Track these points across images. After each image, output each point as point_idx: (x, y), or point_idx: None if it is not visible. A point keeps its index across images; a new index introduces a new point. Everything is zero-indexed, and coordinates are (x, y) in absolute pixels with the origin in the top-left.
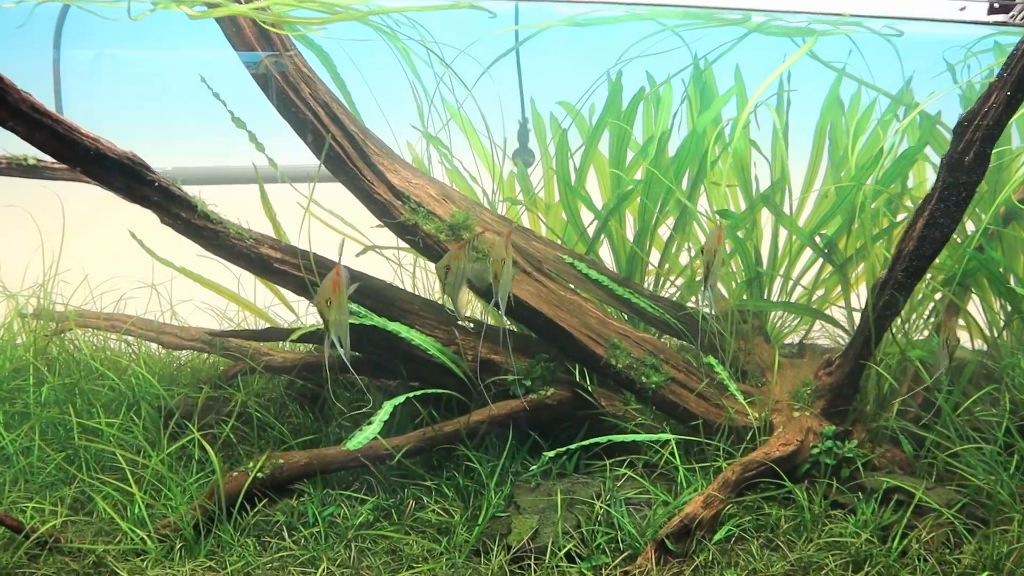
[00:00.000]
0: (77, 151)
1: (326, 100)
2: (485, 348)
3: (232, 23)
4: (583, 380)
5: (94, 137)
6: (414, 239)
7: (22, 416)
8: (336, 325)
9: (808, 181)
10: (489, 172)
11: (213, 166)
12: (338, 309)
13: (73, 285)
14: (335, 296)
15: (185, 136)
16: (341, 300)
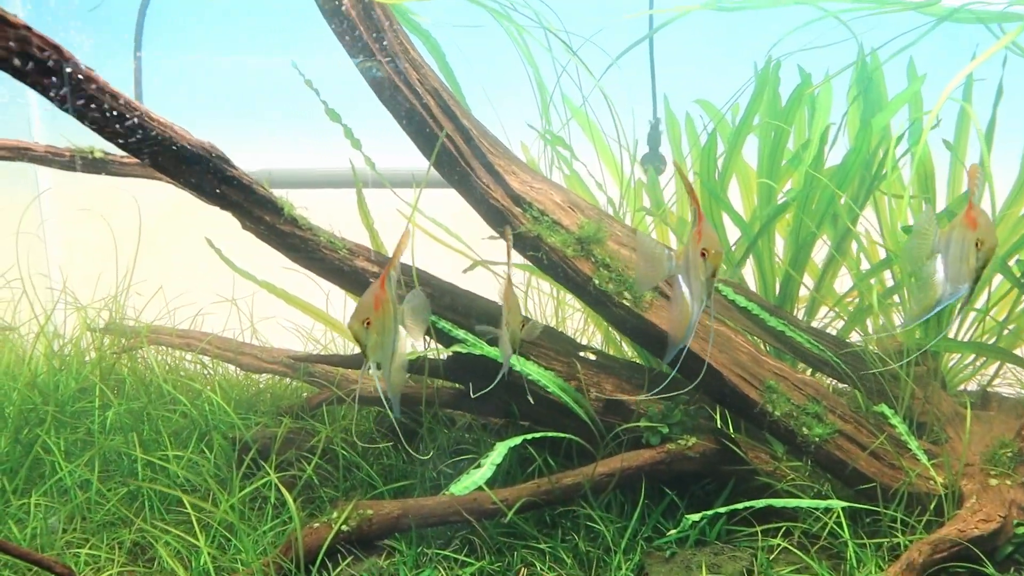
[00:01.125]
0: (144, 139)
1: (436, 88)
2: (611, 385)
3: None
4: (724, 427)
5: (166, 123)
6: (536, 254)
7: (84, 444)
8: (378, 351)
9: (1015, 195)
10: (615, 180)
11: (304, 168)
12: (382, 330)
13: (147, 297)
14: (378, 315)
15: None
16: (386, 320)
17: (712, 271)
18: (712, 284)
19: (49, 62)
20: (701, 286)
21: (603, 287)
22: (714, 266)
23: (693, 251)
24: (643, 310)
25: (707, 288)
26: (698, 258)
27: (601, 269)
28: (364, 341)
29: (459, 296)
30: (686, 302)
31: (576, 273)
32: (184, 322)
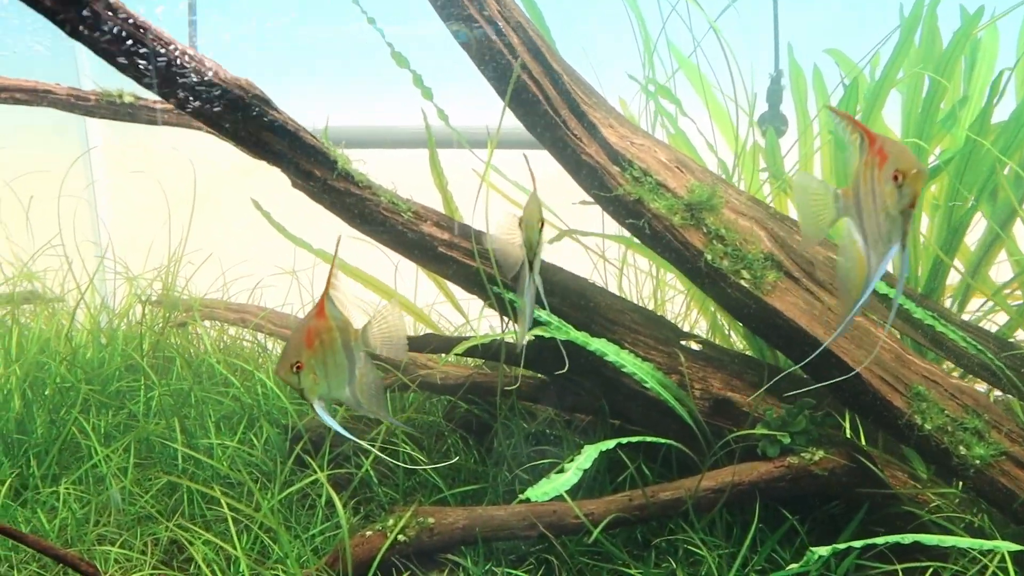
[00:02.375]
0: (170, 75)
1: (520, 22)
2: (719, 381)
3: None
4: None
5: (195, 56)
6: (636, 222)
7: (126, 428)
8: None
9: None
10: (728, 142)
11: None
12: (323, 365)
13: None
14: (313, 352)
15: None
16: (326, 353)
17: (911, 200)
18: (910, 219)
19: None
20: (891, 225)
21: (716, 263)
22: (914, 192)
23: (875, 177)
24: (764, 293)
25: (903, 227)
26: (886, 185)
27: (714, 242)
28: (297, 386)
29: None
30: (858, 254)
31: (684, 246)
32: (239, 295)
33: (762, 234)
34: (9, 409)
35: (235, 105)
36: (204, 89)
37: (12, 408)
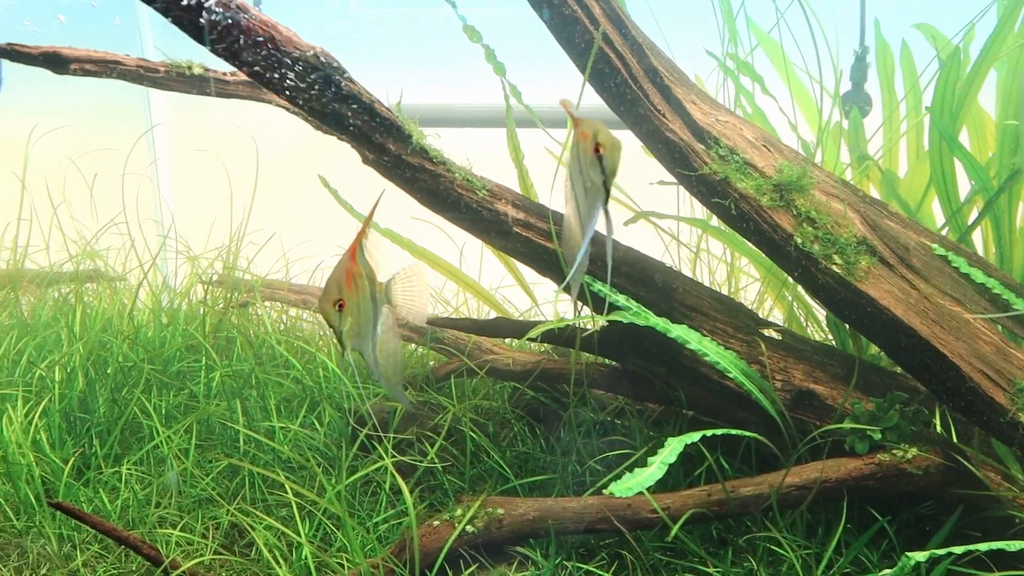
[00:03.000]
0: (241, 41)
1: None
2: (800, 372)
3: None
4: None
5: (267, 21)
6: (722, 202)
7: (187, 408)
8: (355, 337)
9: None
10: (810, 121)
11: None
12: (357, 312)
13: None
14: (351, 294)
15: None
16: (361, 300)
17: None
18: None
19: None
20: (595, 193)
21: (807, 248)
22: (612, 164)
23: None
24: (857, 279)
25: (604, 196)
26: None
27: (804, 225)
28: (338, 326)
29: (617, 251)
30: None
31: (772, 228)
32: (301, 276)
33: (855, 217)
34: (72, 388)
35: (309, 75)
36: (278, 58)
37: (76, 386)
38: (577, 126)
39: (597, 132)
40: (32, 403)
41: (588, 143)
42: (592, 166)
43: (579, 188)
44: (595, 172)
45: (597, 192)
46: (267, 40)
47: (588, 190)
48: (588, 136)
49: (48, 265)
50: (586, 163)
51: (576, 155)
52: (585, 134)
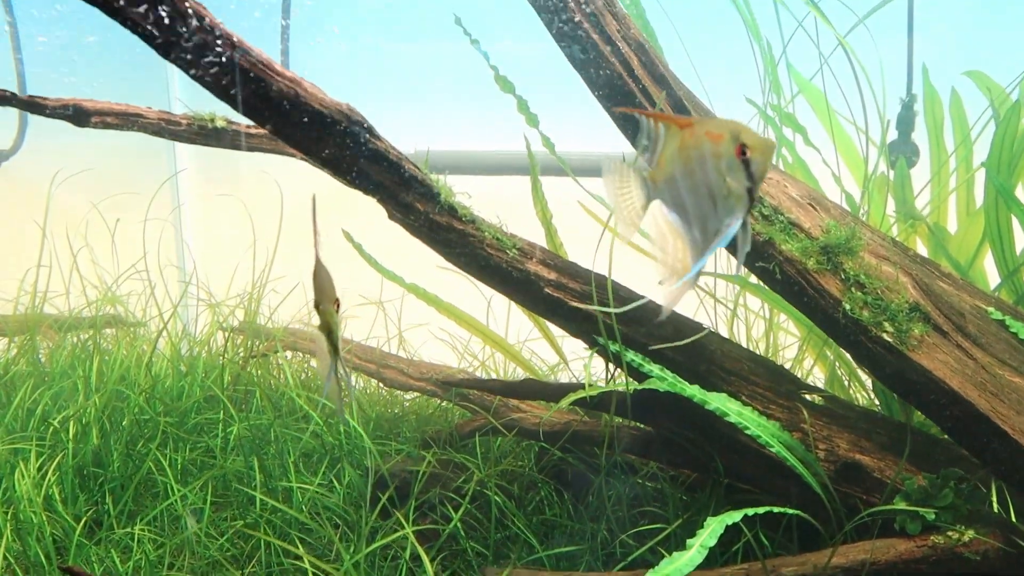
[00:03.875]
0: (266, 96)
1: (641, 43)
2: (845, 442)
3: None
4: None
5: (292, 77)
6: (765, 265)
7: (204, 464)
8: None
9: None
10: (854, 173)
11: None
12: None
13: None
14: None
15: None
16: None
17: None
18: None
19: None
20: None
21: (856, 314)
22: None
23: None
24: (910, 349)
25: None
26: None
27: (853, 289)
28: (337, 325)
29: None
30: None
31: (819, 293)
32: None
33: (906, 281)
34: (87, 442)
35: (335, 132)
36: (300, 115)
37: (90, 441)
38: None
39: (740, 132)
40: (45, 457)
41: (725, 145)
42: (733, 170)
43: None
44: (737, 177)
45: (737, 201)
46: (291, 97)
47: (721, 198)
48: (723, 138)
49: (68, 310)
50: (718, 167)
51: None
52: (717, 136)
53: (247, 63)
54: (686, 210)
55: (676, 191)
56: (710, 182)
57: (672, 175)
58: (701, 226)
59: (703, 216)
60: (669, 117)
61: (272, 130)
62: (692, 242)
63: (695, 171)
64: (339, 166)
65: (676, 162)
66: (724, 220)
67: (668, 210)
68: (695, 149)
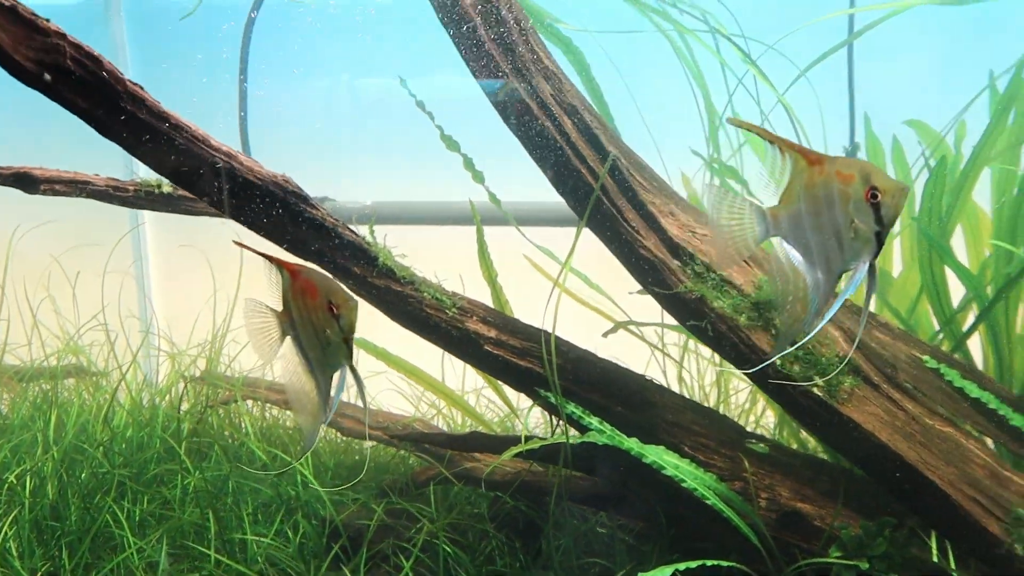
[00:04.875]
0: (202, 171)
1: (575, 105)
2: (788, 490)
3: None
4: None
5: (229, 152)
6: (698, 323)
7: (162, 517)
8: None
9: None
10: None
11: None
12: None
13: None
14: None
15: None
16: None
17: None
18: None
19: (86, 77)
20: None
21: (786, 369)
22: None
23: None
24: (840, 402)
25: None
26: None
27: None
28: (352, 329)
29: (594, 367)
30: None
31: (751, 349)
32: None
33: (837, 335)
34: (44, 495)
35: (270, 203)
36: (237, 187)
37: (48, 494)
38: (818, 163)
39: (871, 175)
40: (2, 512)
41: (856, 186)
42: (862, 213)
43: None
44: (866, 220)
45: (864, 244)
46: (226, 170)
47: (847, 239)
48: (854, 179)
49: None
50: (847, 208)
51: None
52: (847, 176)
53: (183, 140)
54: (809, 249)
55: (800, 229)
56: (837, 222)
57: (797, 212)
58: (825, 266)
59: (827, 256)
60: (798, 148)
61: (209, 202)
62: (814, 281)
63: (822, 210)
64: (275, 234)
65: (803, 199)
66: (850, 262)
67: (789, 247)
68: (823, 188)
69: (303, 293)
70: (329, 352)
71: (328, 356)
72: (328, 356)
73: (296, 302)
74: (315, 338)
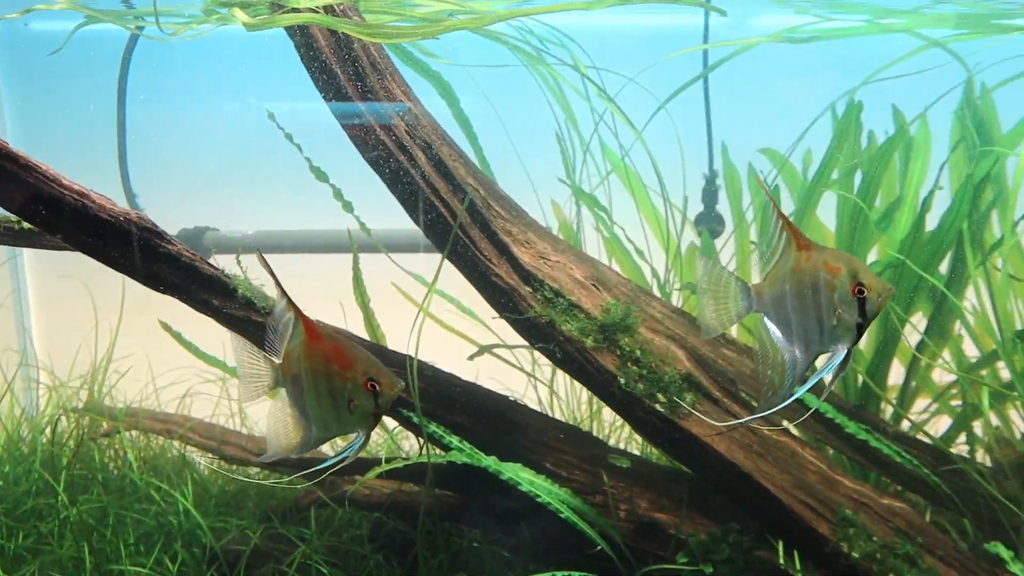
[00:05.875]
0: (56, 210)
1: (429, 141)
2: (647, 501)
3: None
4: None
5: (81, 191)
6: (547, 346)
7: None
8: None
9: None
10: (661, 244)
11: (297, 230)
12: None
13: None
14: None
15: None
16: None
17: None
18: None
19: None
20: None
21: (631, 387)
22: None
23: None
24: (680, 417)
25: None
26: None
27: (629, 364)
28: None
29: (460, 389)
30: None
31: (597, 370)
32: (171, 403)
33: (680, 353)
34: None
35: (124, 239)
36: (90, 224)
37: None
38: (808, 248)
39: (859, 272)
40: None
41: (842, 279)
42: (846, 304)
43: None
44: (850, 312)
45: (845, 332)
46: (79, 208)
47: (828, 326)
48: (841, 272)
49: None
50: (831, 297)
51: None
52: (835, 268)
53: (35, 179)
54: (790, 328)
55: (783, 308)
56: (820, 308)
57: (782, 293)
58: (804, 346)
59: (807, 337)
60: (795, 230)
61: (63, 239)
62: (791, 358)
63: (807, 294)
64: (131, 270)
65: (788, 281)
66: (829, 346)
67: (771, 324)
68: (810, 274)
69: (327, 359)
70: (343, 419)
71: (341, 421)
72: (341, 421)
73: (312, 364)
74: (329, 402)
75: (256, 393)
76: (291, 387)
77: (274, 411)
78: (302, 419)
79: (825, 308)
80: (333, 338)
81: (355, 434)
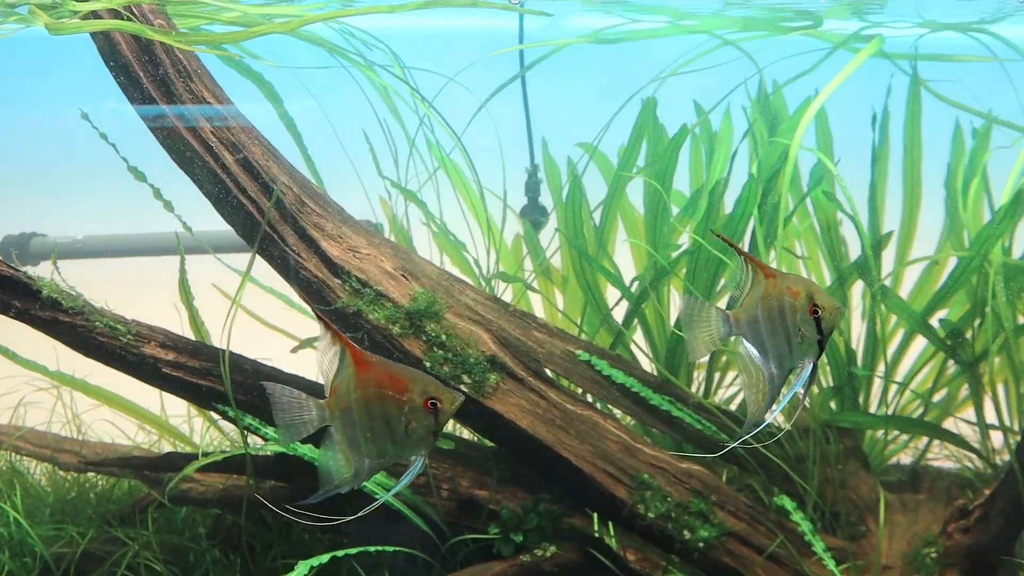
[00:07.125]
0: None
1: (236, 142)
2: (468, 480)
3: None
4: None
5: None
6: (355, 335)
7: None
8: None
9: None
10: (485, 235)
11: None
12: None
13: None
14: None
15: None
16: None
17: (828, 332)
18: (822, 351)
19: None
20: (800, 347)
21: (436, 370)
22: (829, 327)
23: (783, 307)
24: (485, 396)
25: (817, 351)
26: (797, 315)
27: (435, 349)
28: None
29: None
30: (758, 374)
31: (404, 355)
32: (4, 413)
33: (485, 336)
34: None
35: None
36: None
37: None
38: (773, 277)
39: (814, 294)
40: None
41: (802, 301)
42: (806, 324)
43: (771, 337)
44: (810, 329)
45: (809, 347)
46: None
47: (795, 343)
48: (800, 295)
49: None
50: (795, 318)
51: (775, 307)
52: (796, 292)
53: None
54: (765, 348)
55: (757, 331)
56: (788, 328)
57: (755, 317)
58: (778, 362)
59: (780, 354)
60: (759, 264)
61: None
62: (769, 374)
63: (775, 317)
64: None
65: (760, 307)
66: (797, 360)
67: (748, 344)
68: (776, 299)
69: (380, 385)
70: (399, 443)
71: (397, 445)
72: (397, 445)
73: (364, 393)
74: (384, 428)
75: (298, 436)
76: (341, 421)
77: (324, 450)
78: (354, 451)
79: (791, 328)
80: (384, 363)
81: None
